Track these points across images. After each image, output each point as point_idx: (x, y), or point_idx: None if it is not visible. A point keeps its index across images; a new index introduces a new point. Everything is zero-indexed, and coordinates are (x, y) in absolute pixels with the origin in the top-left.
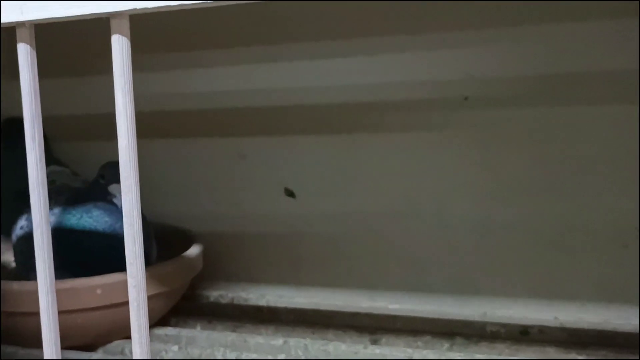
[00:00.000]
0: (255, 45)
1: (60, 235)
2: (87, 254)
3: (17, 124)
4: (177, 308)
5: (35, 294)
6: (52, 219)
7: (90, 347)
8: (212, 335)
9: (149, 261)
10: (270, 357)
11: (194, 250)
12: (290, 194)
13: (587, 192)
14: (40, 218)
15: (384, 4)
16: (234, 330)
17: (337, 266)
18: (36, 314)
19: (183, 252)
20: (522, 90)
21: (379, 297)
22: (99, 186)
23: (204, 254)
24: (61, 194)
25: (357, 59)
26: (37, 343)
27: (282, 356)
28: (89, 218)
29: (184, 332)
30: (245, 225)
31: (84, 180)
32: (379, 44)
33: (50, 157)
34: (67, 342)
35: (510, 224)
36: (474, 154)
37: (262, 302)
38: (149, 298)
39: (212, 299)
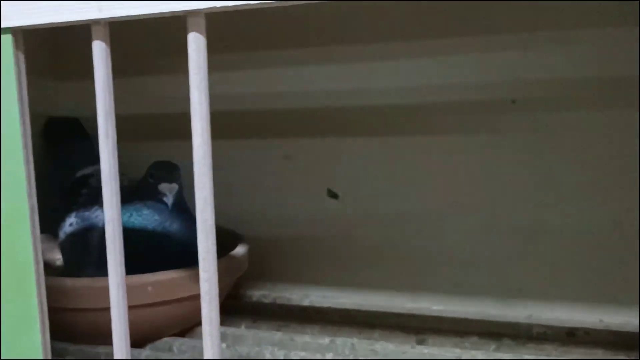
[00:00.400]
0: (301, 48)
1: None
2: (137, 252)
3: (60, 124)
4: (220, 307)
5: (88, 291)
6: (102, 216)
7: (139, 344)
8: (259, 334)
9: (197, 261)
10: (319, 356)
11: (240, 250)
12: (333, 195)
13: (635, 195)
14: (112, 213)
15: (431, 6)
16: (278, 330)
17: (380, 267)
18: (89, 310)
19: (228, 252)
20: (570, 94)
21: (422, 299)
22: (148, 185)
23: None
24: None
25: (403, 61)
26: (88, 339)
27: (330, 355)
28: (139, 216)
29: (230, 331)
30: (288, 226)
31: (130, 179)
32: (426, 47)
33: (96, 156)
34: None
35: (556, 227)
36: (520, 157)
37: (306, 302)
38: (196, 297)
39: (254, 299)
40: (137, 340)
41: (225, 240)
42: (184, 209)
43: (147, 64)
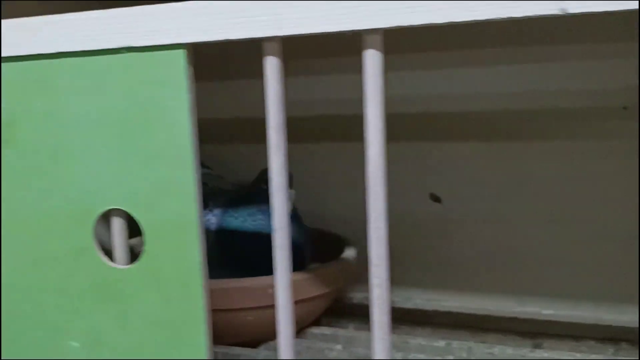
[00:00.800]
0: (404, 53)
1: (223, 237)
2: (251, 256)
3: None
4: (325, 309)
5: (217, 292)
6: (213, 220)
7: (254, 344)
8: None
9: (305, 265)
10: (438, 358)
11: (351, 253)
12: (436, 199)
13: None
14: (281, 220)
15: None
16: None
17: (484, 270)
18: (216, 311)
19: (331, 255)
20: None
21: (529, 302)
22: (263, 191)
23: None
24: (219, 196)
25: (510, 67)
26: (216, 340)
27: (450, 357)
28: (253, 221)
29: (341, 332)
30: (390, 229)
31: (232, 183)
32: (539, 52)
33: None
34: (235, 339)
35: None
36: (631, 163)
37: (409, 305)
38: (313, 299)
39: (355, 301)
40: (253, 341)
41: (329, 244)
42: (297, 215)
43: (243, 68)
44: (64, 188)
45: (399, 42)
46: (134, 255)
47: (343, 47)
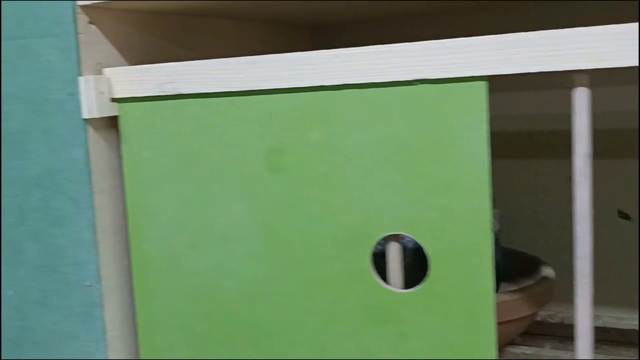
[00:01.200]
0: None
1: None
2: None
3: None
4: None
5: None
6: (407, 238)
7: None
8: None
9: (499, 284)
10: None
11: (550, 273)
12: (624, 216)
13: None
14: (585, 248)
15: None
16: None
17: None
18: None
19: (520, 274)
20: None
21: None
22: None
23: None
24: None
25: None
26: None
27: None
28: None
29: (543, 352)
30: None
31: None
32: None
33: None
34: None
35: None
36: None
37: (599, 323)
38: (524, 318)
39: (538, 318)
40: None
41: (520, 263)
42: (497, 235)
43: None
44: (338, 214)
45: None
46: None
47: None
